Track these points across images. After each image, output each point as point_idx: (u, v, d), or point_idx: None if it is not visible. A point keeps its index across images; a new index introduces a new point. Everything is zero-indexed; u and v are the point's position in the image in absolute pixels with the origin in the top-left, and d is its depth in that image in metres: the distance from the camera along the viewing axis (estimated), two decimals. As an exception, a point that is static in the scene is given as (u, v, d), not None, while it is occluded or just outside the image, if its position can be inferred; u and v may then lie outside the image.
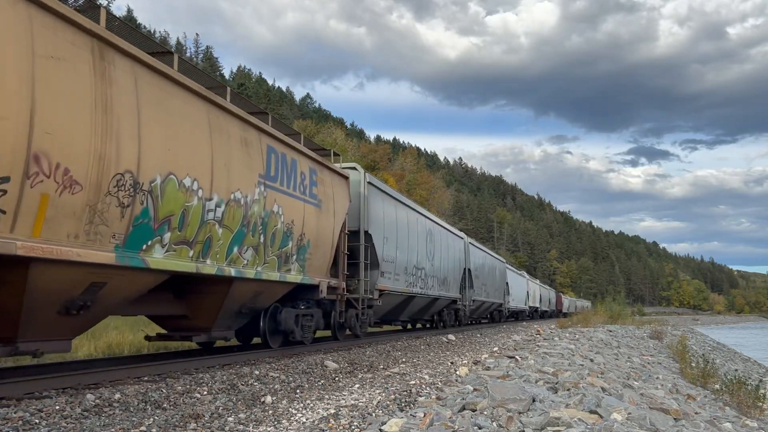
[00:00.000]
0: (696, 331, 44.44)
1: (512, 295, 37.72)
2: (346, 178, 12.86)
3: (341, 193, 12.37)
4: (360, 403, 5.71)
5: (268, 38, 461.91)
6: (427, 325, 23.30)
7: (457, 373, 7.86)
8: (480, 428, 4.13)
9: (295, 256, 10.13)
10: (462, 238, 24.83)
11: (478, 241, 35.55)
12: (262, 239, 8.99)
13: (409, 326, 22.83)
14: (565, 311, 68.38)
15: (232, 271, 8.21)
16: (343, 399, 6.17)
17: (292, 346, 11.06)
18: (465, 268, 24.52)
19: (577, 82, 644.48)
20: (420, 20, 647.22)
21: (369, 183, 14.20)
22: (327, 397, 6.33)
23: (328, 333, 13.56)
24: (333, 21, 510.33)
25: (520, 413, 4.50)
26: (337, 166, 12.55)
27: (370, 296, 13.76)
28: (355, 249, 13.40)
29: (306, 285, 10.79)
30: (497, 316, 34.54)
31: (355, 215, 13.55)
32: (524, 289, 44.20)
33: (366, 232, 13.67)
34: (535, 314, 51.61)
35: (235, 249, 8.32)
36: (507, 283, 35.80)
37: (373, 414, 5.15)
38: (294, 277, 10.19)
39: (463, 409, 4.76)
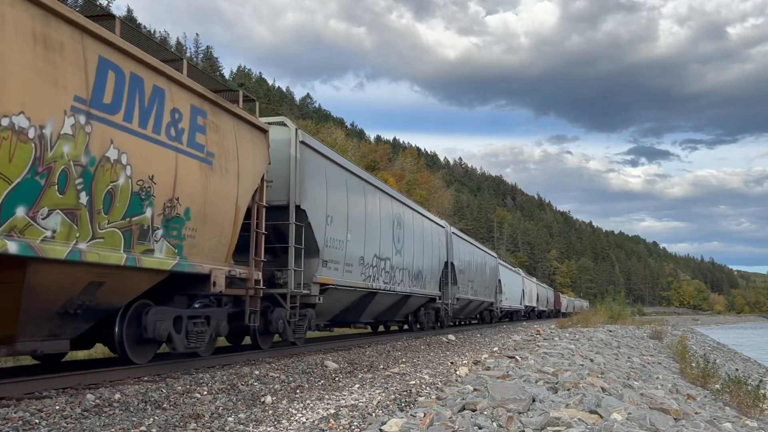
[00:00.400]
0: (696, 331, 44.46)
1: (505, 293, 35.50)
2: (264, 131, 9.59)
3: (254, 150, 9.17)
4: (360, 403, 5.71)
5: (267, 38, 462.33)
6: (405, 327, 20.12)
7: (457, 373, 7.87)
8: (480, 428, 4.13)
9: (161, 231, 7.06)
10: (443, 227, 21.86)
11: (478, 241, 34.46)
12: (84, 199, 5.94)
13: (381, 328, 19.95)
14: (564, 311, 66.96)
15: (10, 247, 5.12)
16: (343, 399, 6.17)
17: (172, 359, 8.20)
18: (447, 262, 21.55)
19: (577, 82, 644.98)
20: (420, 20, 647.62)
21: (303, 143, 10.60)
22: (327, 397, 6.33)
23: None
24: (333, 21, 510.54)
25: (520, 413, 4.50)
26: (248, 114, 9.27)
27: (305, 292, 10.64)
28: (284, 230, 10.33)
29: (187, 274, 7.66)
30: (487, 316, 32.14)
31: (282, 185, 10.31)
32: (519, 288, 42.21)
33: (298, 208, 10.33)
34: (531, 314, 49.99)
35: (21, 211, 5.25)
36: (499, 280, 33.39)
37: (373, 414, 5.15)
38: (160, 261, 7.05)
39: (463, 409, 4.76)
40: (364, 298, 13.97)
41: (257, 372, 7.69)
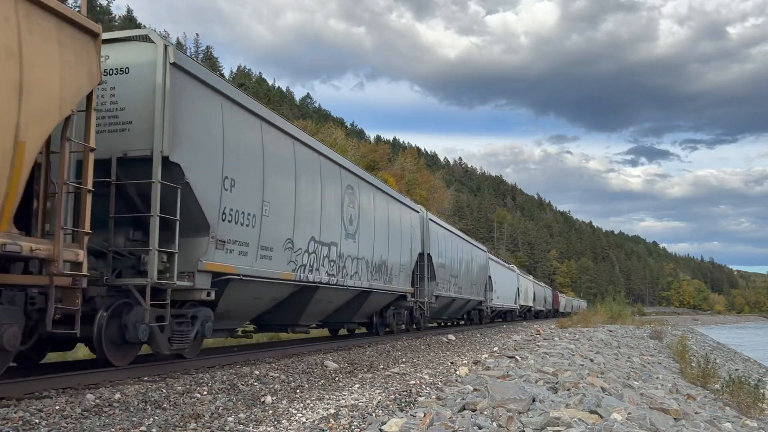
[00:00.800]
0: (696, 331, 44.45)
1: (497, 291, 32.22)
2: (94, 35, 6.40)
3: (65, 56, 5.94)
4: (360, 403, 5.71)
5: (267, 38, 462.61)
6: (372, 330, 16.11)
7: (457, 373, 7.87)
8: (480, 428, 4.13)
9: None
10: (418, 212, 18.37)
11: (477, 241, 33.30)
12: None
13: (345, 331, 16.21)
14: (563, 311, 65.71)
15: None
16: (343, 399, 6.17)
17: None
18: (423, 254, 18.40)
19: (577, 82, 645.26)
20: (420, 20, 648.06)
21: (175, 66, 7.36)
22: (327, 397, 6.33)
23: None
24: (332, 20, 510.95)
25: (520, 413, 4.50)
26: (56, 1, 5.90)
27: (184, 284, 7.53)
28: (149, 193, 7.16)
29: None
30: (476, 316, 28.85)
31: (145, 126, 7.19)
32: (514, 285, 39.17)
33: (167, 160, 7.18)
34: (528, 314, 47.43)
35: None
36: (489, 277, 30.10)
37: (373, 414, 5.15)
38: None
39: (463, 409, 4.76)
40: (298, 294, 10.74)
41: (257, 372, 7.69)
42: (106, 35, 6.97)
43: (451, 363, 9.91)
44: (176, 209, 7.33)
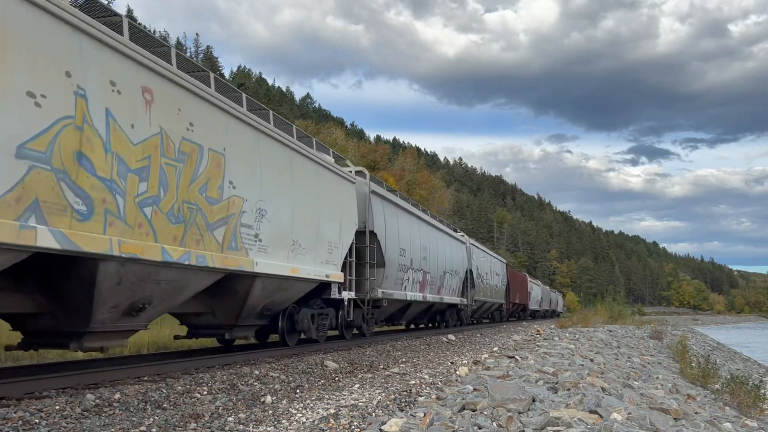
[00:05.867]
0: (696, 331, 44.46)
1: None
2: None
3: None
4: (360, 403, 5.71)
5: (264, 35, 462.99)
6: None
7: (457, 372, 7.87)
8: (480, 428, 4.13)
9: None
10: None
11: (478, 242, 31.46)
12: None
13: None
14: (535, 308, 49.54)
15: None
16: (343, 399, 6.17)
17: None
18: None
19: (577, 80, 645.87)
20: (418, 17, 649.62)
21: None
22: (327, 397, 6.33)
23: None
24: (330, 18, 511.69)
25: (520, 413, 4.50)
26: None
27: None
28: None
29: None
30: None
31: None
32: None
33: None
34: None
35: None
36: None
37: (373, 414, 5.15)
38: None
39: (463, 409, 4.76)
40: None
41: (257, 372, 7.69)
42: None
43: (451, 363, 9.91)
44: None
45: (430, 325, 22.85)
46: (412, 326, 22.61)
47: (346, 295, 12.40)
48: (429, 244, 18.60)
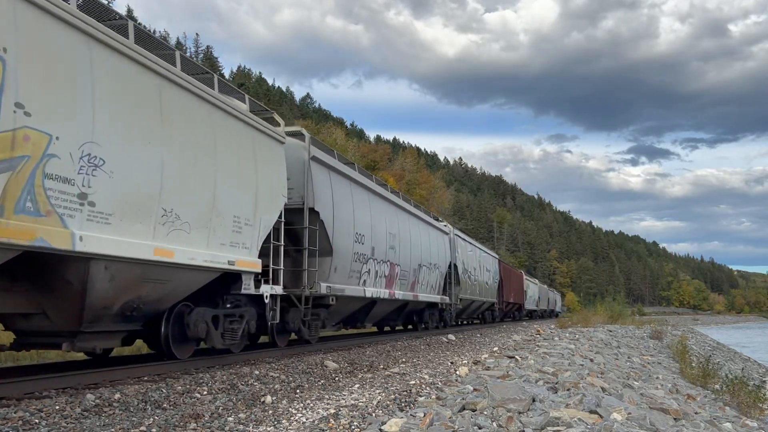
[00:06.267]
0: (696, 331, 44.47)
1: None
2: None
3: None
4: (360, 403, 5.72)
5: (264, 35, 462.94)
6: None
7: (457, 373, 7.87)
8: (480, 428, 4.13)
9: None
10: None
11: (478, 242, 30.23)
12: None
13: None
14: (532, 308, 47.63)
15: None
16: (343, 399, 6.17)
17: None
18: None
19: (577, 80, 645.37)
20: (418, 17, 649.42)
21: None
22: (327, 397, 6.33)
23: None
24: (330, 17, 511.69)
25: (520, 413, 4.50)
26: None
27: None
28: None
29: None
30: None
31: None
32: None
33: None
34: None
35: None
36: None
37: (373, 414, 5.15)
38: None
39: (463, 409, 4.76)
40: None
41: (257, 372, 7.69)
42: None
43: (451, 363, 9.91)
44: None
45: (410, 327, 19.83)
46: (393, 329, 19.50)
47: (267, 290, 9.31)
48: (399, 231, 15.54)
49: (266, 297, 9.30)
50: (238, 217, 8.39)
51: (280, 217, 9.63)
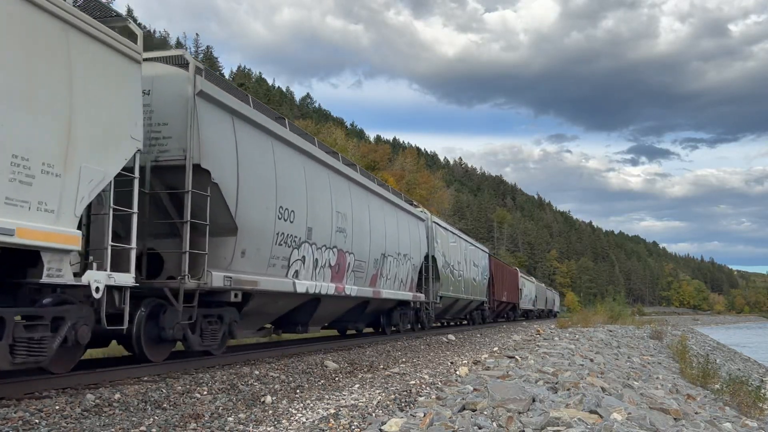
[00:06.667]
0: (696, 331, 44.48)
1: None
2: None
3: None
4: (360, 403, 5.72)
5: (264, 35, 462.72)
6: None
7: (457, 373, 7.87)
8: (480, 428, 4.13)
9: None
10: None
11: (478, 242, 29.47)
12: None
13: None
14: (527, 308, 43.73)
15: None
16: (343, 399, 6.17)
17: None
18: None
19: (577, 80, 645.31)
20: (418, 17, 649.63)
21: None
22: (327, 397, 6.33)
23: None
24: (330, 17, 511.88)
25: (520, 413, 4.50)
26: None
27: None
28: None
29: None
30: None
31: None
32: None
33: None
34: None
35: None
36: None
37: (373, 414, 5.15)
38: None
39: (463, 409, 4.76)
40: None
41: (257, 372, 7.69)
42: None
43: (451, 363, 9.91)
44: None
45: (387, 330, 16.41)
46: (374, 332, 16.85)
47: (99, 278, 6.15)
48: (353, 211, 12.57)
49: (96, 290, 6.11)
50: (24, 159, 5.29)
51: (131, 171, 6.75)
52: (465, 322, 27.40)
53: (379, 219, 14.29)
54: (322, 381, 7.64)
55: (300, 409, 5.60)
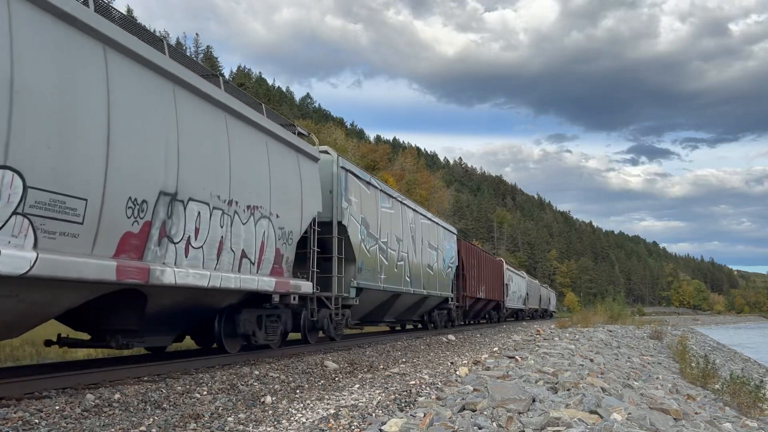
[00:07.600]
0: (696, 331, 44.49)
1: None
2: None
3: None
4: (360, 403, 5.71)
5: (263, 35, 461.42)
6: None
7: (457, 373, 7.86)
8: (480, 428, 4.13)
9: None
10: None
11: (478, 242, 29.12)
12: None
13: None
14: (513, 307, 37.17)
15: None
16: (343, 399, 6.17)
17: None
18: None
19: (577, 80, 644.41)
20: (417, 16, 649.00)
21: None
22: (327, 397, 6.33)
23: None
24: (329, 17, 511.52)
25: (520, 413, 4.50)
26: None
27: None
28: None
29: None
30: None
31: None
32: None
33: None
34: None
35: None
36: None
37: (373, 414, 5.14)
38: None
39: (463, 409, 4.76)
40: None
41: (257, 372, 7.69)
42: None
43: (451, 363, 9.91)
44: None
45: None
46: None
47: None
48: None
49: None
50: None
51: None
52: (432, 325, 20.72)
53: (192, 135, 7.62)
54: (322, 381, 7.64)
55: (300, 409, 5.60)
